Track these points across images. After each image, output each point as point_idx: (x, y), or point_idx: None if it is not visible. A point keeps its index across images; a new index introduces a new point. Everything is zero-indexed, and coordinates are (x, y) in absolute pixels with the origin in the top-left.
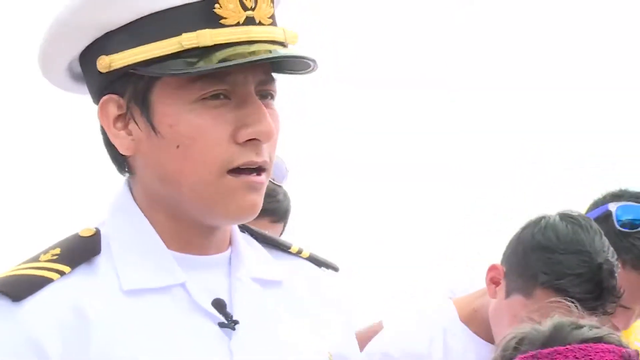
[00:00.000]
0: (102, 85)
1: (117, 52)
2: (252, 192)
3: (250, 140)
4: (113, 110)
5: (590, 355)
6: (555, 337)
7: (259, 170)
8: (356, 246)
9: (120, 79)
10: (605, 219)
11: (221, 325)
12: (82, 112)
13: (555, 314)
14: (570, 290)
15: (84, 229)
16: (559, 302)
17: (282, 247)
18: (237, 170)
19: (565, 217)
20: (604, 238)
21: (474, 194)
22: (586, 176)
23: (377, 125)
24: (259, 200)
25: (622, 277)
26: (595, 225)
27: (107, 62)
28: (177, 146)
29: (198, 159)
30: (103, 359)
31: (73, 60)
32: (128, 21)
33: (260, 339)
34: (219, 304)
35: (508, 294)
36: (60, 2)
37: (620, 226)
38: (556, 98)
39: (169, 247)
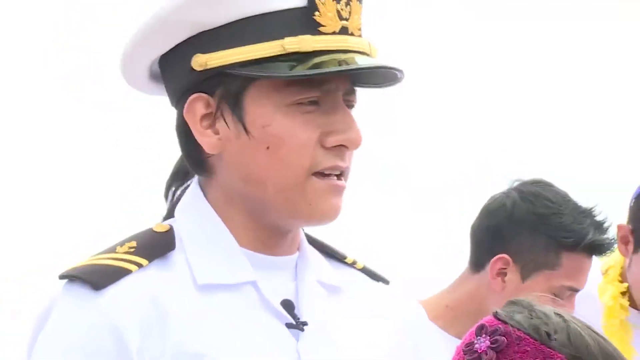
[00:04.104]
0: (190, 83)
1: (214, 51)
2: (335, 196)
3: (337, 146)
4: (200, 109)
5: None
6: None
7: (340, 175)
8: (361, 248)
9: (212, 79)
10: None
11: (289, 326)
12: (92, 118)
13: None
14: (593, 242)
15: (157, 224)
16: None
17: (338, 257)
18: (321, 174)
19: (529, 185)
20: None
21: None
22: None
23: (377, 125)
24: (340, 203)
25: None
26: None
27: (204, 61)
28: (267, 147)
29: (286, 161)
30: (177, 352)
31: (154, 59)
32: (227, 21)
33: (326, 342)
34: (287, 305)
35: (526, 277)
36: (157, 1)
37: None
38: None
39: (241, 245)
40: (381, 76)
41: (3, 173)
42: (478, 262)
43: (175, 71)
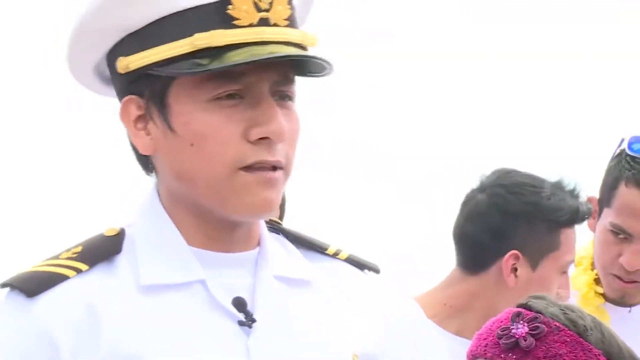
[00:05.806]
0: (123, 86)
1: (134, 53)
2: (266, 188)
3: (262, 139)
4: (134, 111)
5: None
6: None
7: (273, 168)
8: (347, 239)
9: (139, 80)
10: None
11: (241, 323)
12: (92, 118)
13: None
14: (582, 212)
15: (108, 228)
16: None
17: (317, 249)
18: (250, 168)
19: (504, 178)
20: None
21: None
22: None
23: (363, 117)
24: (274, 196)
25: None
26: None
27: (125, 64)
28: (192, 144)
29: (210, 156)
30: (112, 355)
31: (101, 63)
32: (146, 23)
33: (279, 338)
34: (239, 303)
35: (536, 266)
36: (79, 6)
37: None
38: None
39: (190, 243)
40: (319, 65)
41: (3, 173)
42: (478, 263)
43: (112, 74)
